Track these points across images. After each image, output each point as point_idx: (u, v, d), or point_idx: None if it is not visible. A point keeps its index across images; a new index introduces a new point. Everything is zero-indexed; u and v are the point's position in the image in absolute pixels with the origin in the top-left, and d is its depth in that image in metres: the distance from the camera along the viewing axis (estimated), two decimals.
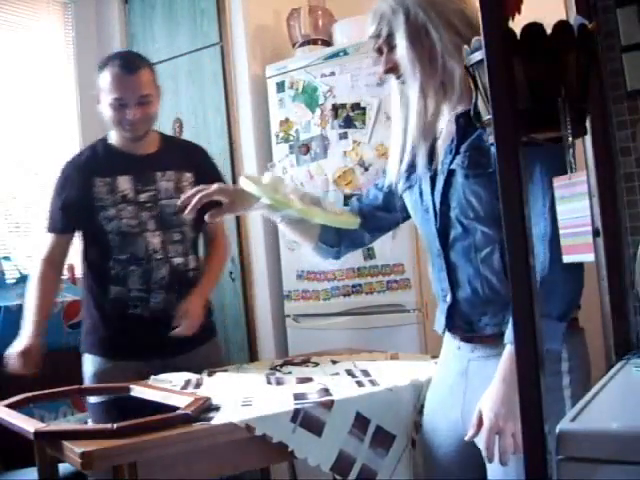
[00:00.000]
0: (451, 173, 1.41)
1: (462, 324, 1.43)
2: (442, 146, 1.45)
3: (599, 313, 1.50)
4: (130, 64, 2.15)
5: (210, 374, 1.98)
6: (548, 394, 1.24)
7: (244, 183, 1.60)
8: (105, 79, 2.14)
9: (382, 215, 1.65)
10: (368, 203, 1.67)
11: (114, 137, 2.25)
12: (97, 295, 2.19)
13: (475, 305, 1.40)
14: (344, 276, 2.82)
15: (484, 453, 1.28)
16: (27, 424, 1.50)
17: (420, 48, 1.37)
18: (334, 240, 1.67)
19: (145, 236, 2.16)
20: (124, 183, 2.16)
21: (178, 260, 2.19)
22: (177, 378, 1.90)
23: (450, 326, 1.47)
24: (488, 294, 1.38)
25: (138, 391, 1.81)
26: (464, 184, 1.38)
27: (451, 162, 1.41)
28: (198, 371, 2.00)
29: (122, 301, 2.14)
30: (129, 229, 2.14)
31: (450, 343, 1.50)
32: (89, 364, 2.15)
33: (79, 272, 2.56)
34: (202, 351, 2.18)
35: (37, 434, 1.44)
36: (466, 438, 1.33)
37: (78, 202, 2.17)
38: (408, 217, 1.61)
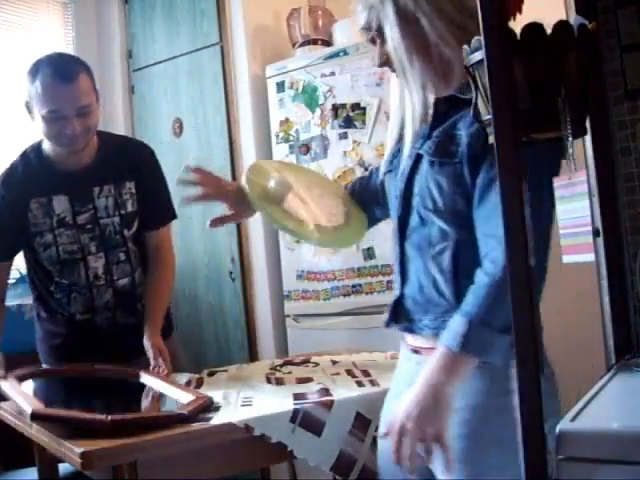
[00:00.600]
0: (418, 158, 1.34)
1: (404, 321, 1.36)
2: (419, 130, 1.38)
3: (599, 313, 1.50)
4: (65, 71, 1.89)
5: (210, 374, 1.98)
6: (495, 416, 1.20)
7: (247, 182, 1.54)
8: (36, 89, 1.89)
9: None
10: (372, 180, 1.62)
11: (48, 148, 2.03)
12: (44, 309, 2.12)
13: (418, 303, 1.33)
14: (344, 276, 2.83)
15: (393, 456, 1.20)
16: (27, 403, 1.51)
17: (412, 38, 1.30)
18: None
19: (87, 260, 2.03)
20: (60, 204, 2.00)
21: (123, 282, 2.08)
22: (177, 378, 1.90)
23: (394, 321, 1.38)
24: (433, 294, 1.30)
25: (146, 378, 1.83)
26: (428, 171, 1.31)
27: (420, 147, 1.34)
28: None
29: (68, 319, 2.07)
30: (68, 256, 2.01)
31: (403, 345, 1.43)
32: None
33: None
34: None
35: (33, 415, 1.46)
36: (378, 437, 1.29)
37: (13, 228, 1.98)
38: None
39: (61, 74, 1.88)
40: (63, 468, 1.82)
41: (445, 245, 1.28)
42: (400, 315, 1.37)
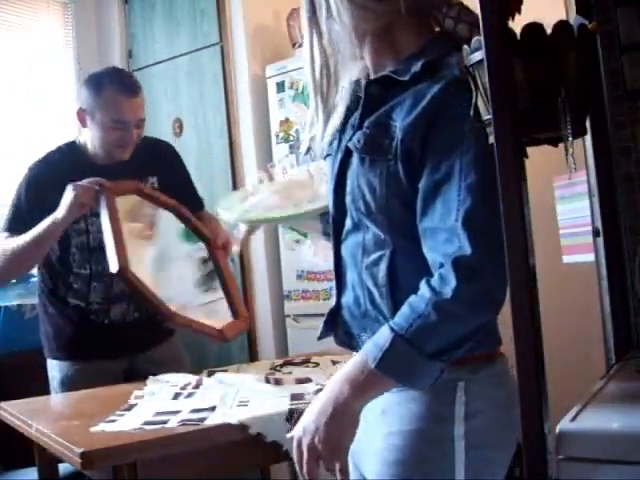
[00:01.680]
0: (348, 152, 1.14)
1: (342, 335, 1.18)
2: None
3: (599, 313, 1.50)
4: (132, 86, 2.14)
5: (209, 374, 1.98)
6: (432, 445, 1.03)
7: (222, 215, 1.50)
8: (104, 99, 2.09)
9: None
10: None
11: (89, 148, 2.18)
12: (55, 303, 2.18)
13: (355, 316, 1.14)
14: None
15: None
16: (115, 258, 1.63)
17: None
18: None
19: None
20: None
21: None
22: (176, 378, 1.90)
23: (332, 334, 1.21)
24: (369, 308, 1.11)
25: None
26: (358, 168, 1.12)
27: (350, 139, 1.14)
28: (157, 366, 2.07)
29: (82, 310, 2.14)
30: (95, 243, 2.08)
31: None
32: (55, 369, 2.15)
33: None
34: (160, 350, 2.22)
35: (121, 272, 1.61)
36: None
37: (50, 209, 2.03)
38: None
39: (128, 88, 2.11)
40: (63, 468, 1.82)
41: (380, 254, 1.10)
42: (338, 327, 1.19)
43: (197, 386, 1.83)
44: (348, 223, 1.16)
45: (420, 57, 1.11)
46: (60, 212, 1.94)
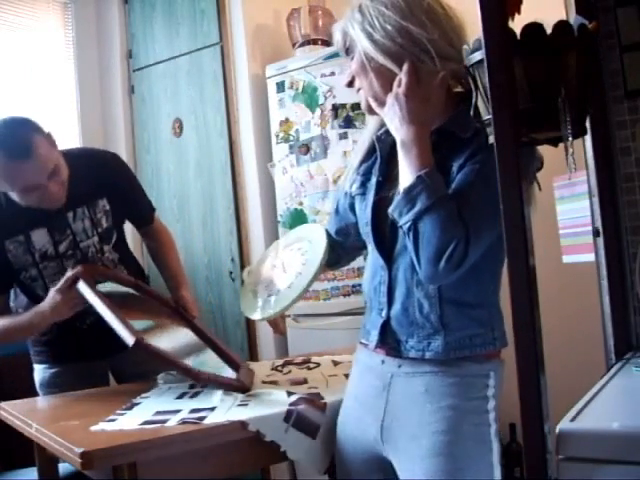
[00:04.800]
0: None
1: (391, 342, 1.36)
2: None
3: (599, 313, 1.50)
4: (20, 148, 1.78)
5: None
6: (473, 415, 1.29)
7: (250, 316, 1.68)
8: None
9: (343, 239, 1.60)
10: (333, 232, 1.62)
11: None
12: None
13: (403, 325, 1.34)
14: (344, 276, 2.83)
15: None
16: (127, 332, 1.61)
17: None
18: (334, 260, 1.69)
19: None
20: (40, 238, 1.95)
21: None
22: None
23: (382, 343, 1.38)
24: (418, 317, 1.32)
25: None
26: None
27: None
28: (136, 366, 2.00)
29: (57, 323, 2.01)
30: (55, 284, 1.90)
31: (369, 357, 1.42)
32: (37, 373, 2.13)
33: None
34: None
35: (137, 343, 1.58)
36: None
37: (7, 259, 1.93)
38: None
39: (17, 152, 1.78)
40: (63, 468, 1.82)
41: None
42: (388, 336, 1.37)
43: (204, 385, 1.82)
44: (399, 245, 1.33)
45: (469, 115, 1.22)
46: (48, 312, 1.84)
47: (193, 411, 1.53)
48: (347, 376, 1.84)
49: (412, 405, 1.32)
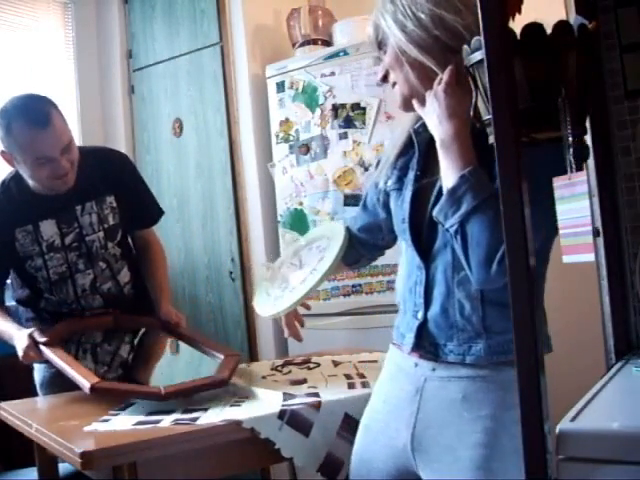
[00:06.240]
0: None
1: (428, 345, 1.29)
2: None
3: (599, 313, 1.50)
4: (39, 117, 1.87)
5: None
6: (513, 426, 1.14)
7: (261, 313, 1.66)
8: (15, 140, 1.88)
9: (369, 237, 1.59)
10: (356, 229, 1.60)
11: (30, 185, 2.02)
12: (30, 315, 2.16)
13: (442, 328, 1.27)
14: (344, 276, 2.82)
15: None
16: (85, 378, 1.65)
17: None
18: (354, 259, 1.65)
19: (75, 278, 2.07)
20: (48, 229, 2.02)
21: (107, 285, 2.12)
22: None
23: (418, 346, 1.31)
24: (458, 319, 1.25)
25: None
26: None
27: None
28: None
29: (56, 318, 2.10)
30: (58, 276, 2.04)
31: (402, 359, 1.35)
32: (37, 373, 2.15)
33: None
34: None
35: (93, 388, 1.61)
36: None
37: (1, 253, 2.01)
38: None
39: (36, 121, 1.87)
40: (63, 468, 1.82)
41: None
42: (423, 339, 1.30)
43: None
44: (437, 244, 1.27)
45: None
46: (11, 342, 1.95)
47: (186, 411, 1.54)
48: (347, 376, 1.85)
49: (447, 413, 1.25)
